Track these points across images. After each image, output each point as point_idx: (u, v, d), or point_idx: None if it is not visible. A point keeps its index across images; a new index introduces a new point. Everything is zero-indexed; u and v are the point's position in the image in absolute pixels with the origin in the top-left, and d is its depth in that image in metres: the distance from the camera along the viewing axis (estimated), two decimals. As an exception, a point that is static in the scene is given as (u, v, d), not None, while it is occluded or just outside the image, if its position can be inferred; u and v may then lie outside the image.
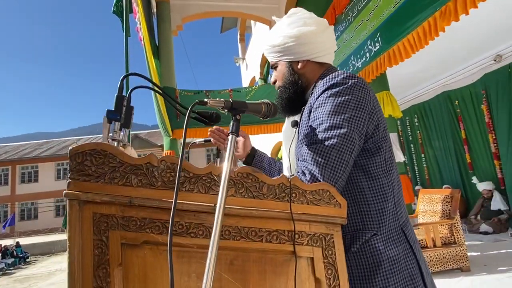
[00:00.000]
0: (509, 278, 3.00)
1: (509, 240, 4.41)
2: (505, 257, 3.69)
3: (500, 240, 4.48)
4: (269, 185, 0.64)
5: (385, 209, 0.77)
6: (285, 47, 0.93)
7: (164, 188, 0.60)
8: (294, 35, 0.91)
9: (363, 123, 0.77)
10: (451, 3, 2.83)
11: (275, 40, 0.95)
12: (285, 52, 0.94)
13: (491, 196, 5.18)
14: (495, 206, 5.08)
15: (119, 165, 0.59)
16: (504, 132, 4.89)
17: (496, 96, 5.04)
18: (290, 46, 0.92)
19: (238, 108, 0.68)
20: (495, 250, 4.01)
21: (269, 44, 0.97)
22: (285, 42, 0.92)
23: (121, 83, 0.91)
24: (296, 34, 0.91)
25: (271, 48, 0.96)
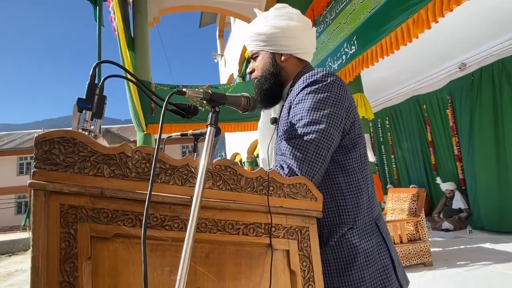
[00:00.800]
0: (467, 271, 3.21)
1: (467, 237, 4.71)
2: (464, 252, 3.94)
3: (460, 236, 4.78)
4: (247, 178, 0.64)
5: (360, 203, 0.80)
6: (271, 36, 0.93)
7: (138, 179, 0.57)
8: (281, 27, 0.92)
9: (341, 119, 0.79)
10: (423, 10, 2.97)
11: (261, 28, 0.94)
12: (270, 42, 0.94)
13: (453, 195, 5.51)
14: (456, 205, 5.41)
15: (90, 154, 0.56)
16: (466, 136, 5.22)
17: (460, 102, 5.37)
18: (277, 37, 0.92)
19: (217, 100, 0.67)
20: (455, 246, 4.27)
21: (255, 31, 0.96)
22: (272, 32, 0.92)
23: (93, 70, 0.87)
24: (284, 26, 0.92)
25: (256, 35, 0.95)
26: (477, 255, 3.70)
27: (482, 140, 4.92)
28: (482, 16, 4.24)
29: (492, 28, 4.51)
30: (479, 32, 4.62)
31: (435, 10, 2.79)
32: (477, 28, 4.53)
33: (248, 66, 1.04)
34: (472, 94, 5.12)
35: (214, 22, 14.38)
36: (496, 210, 4.72)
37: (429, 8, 2.88)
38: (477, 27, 4.52)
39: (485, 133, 4.88)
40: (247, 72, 1.03)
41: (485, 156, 4.87)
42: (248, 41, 0.99)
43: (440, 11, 2.71)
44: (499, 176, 4.73)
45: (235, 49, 10.87)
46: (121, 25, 5.47)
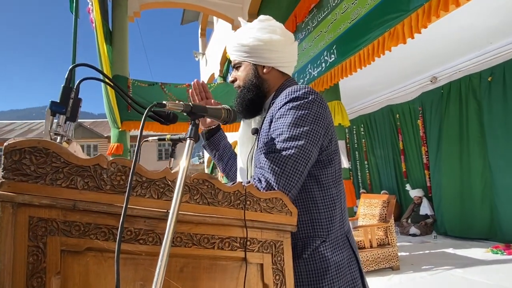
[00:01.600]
0: (431, 276, 3.38)
1: (432, 242, 4.97)
2: (429, 257, 4.14)
3: (426, 241, 5.02)
4: (225, 192, 0.64)
5: (333, 217, 0.83)
6: (254, 48, 0.94)
7: (113, 192, 0.56)
8: (265, 40, 0.93)
9: (319, 136, 0.81)
10: (399, 26, 3.10)
11: (245, 39, 0.96)
12: (253, 53, 0.95)
13: (420, 202, 5.78)
14: (423, 211, 5.69)
15: (64, 165, 0.54)
16: (434, 145, 5.50)
17: (430, 113, 5.65)
18: (260, 49, 0.94)
19: (197, 113, 0.68)
20: (421, 250, 4.49)
21: (238, 42, 0.97)
22: (255, 44, 0.94)
23: (69, 73, 0.84)
24: (267, 39, 0.93)
25: (240, 46, 0.97)
26: (441, 260, 3.91)
27: (449, 150, 5.20)
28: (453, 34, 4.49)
29: (461, 46, 4.79)
30: (450, 48, 4.90)
31: (411, 26, 2.93)
32: (448, 45, 4.79)
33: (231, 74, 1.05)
34: (441, 106, 5.41)
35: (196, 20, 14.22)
36: (458, 217, 5.01)
37: (405, 24, 3.02)
38: (448, 44, 4.78)
39: (452, 144, 5.17)
40: (229, 80, 1.04)
41: (451, 166, 5.16)
42: (231, 50, 1.00)
43: (416, 27, 2.85)
44: (462, 185, 5.02)
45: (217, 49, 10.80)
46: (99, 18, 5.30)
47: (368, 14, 3.52)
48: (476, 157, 4.85)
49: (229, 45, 1.01)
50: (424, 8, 2.75)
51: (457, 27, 4.35)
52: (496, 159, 4.57)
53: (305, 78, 4.79)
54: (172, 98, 6.74)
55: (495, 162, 4.58)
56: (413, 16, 2.91)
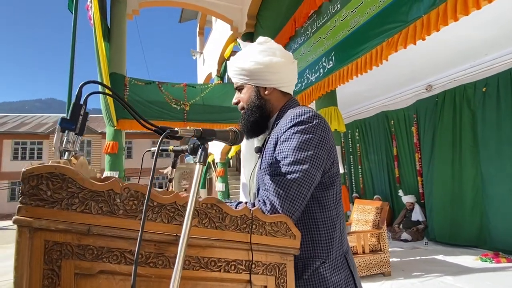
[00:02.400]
0: (421, 282, 3.45)
1: (423, 248, 5.05)
2: (419, 263, 4.22)
3: (417, 247, 5.10)
4: (232, 216, 0.67)
5: (333, 238, 0.86)
6: (254, 72, 0.97)
7: (125, 216, 0.59)
8: (265, 63, 0.96)
9: (323, 160, 0.84)
10: (397, 35, 3.15)
11: (245, 63, 0.99)
12: (254, 76, 0.98)
13: (412, 208, 5.87)
14: (415, 217, 5.78)
15: (79, 190, 0.56)
16: (428, 152, 5.59)
17: (424, 120, 5.74)
18: (260, 72, 0.97)
19: (206, 137, 0.70)
20: (412, 256, 4.56)
21: (239, 66, 1.00)
22: (256, 68, 0.97)
23: (79, 91, 0.86)
24: (267, 62, 0.96)
25: (240, 70, 1.00)
26: (431, 266, 3.98)
27: (441, 158, 5.29)
28: (450, 44, 4.57)
29: (457, 56, 4.88)
30: (446, 58, 4.98)
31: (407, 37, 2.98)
32: (444, 54, 4.88)
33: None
34: (436, 114, 5.50)
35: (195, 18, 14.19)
36: (449, 224, 5.10)
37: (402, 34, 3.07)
38: (444, 54, 4.86)
39: (444, 151, 5.26)
40: (233, 102, 1.06)
41: (443, 173, 5.25)
42: (232, 73, 1.04)
43: (413, 38, 2.90)
44: (453, 192, 5.12)
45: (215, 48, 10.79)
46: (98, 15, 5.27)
47: (367, 23, 3.56)
48: (468, 166, 4.95)
49: (230, 68, 1.05)
50: (423, 20, 2.80)
51: (454, 37, 4.43)
52: (487, 168, 4.67)
53: (303, 83, 4.83)
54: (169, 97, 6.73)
55: (487, 171, 4.68)
56: (411, 28, 2.96)
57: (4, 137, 19.78)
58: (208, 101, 6.99)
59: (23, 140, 20.21)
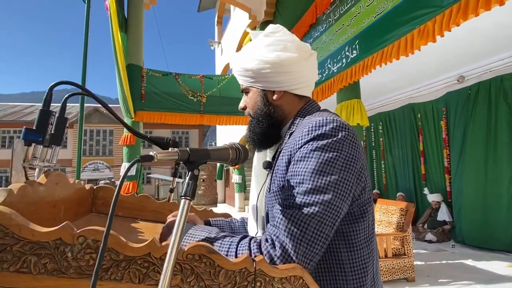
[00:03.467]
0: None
1: (450, 251, 4.74)
2: (446, 268, 3.94)
3: (442, 250, 4.80)
4: (228, 271, 0.50)
5: (364, 285, 0.67)
6: (259, 73, 0.77)
7: (79, 276, 0.43)
8: (271, 61, 0.76)
9: (351, 187, 0.65)
10: (430, 22, 2.84)
11: (248, 62, 0.79)
12: (259, 78, 0.78)
13: (438, 207, 5.52)
14: (441, 217, 5.43)
15: (13, 242, 0.41)
16: (457, 149, 5.19)
17: (455, 114, 5.32)
18: (266, 73, 0.77)
19: (197, 161, 0.52)
20: (437, 260, 4.28)
21: (242, 66, 0.80)
22: (260, 68, 0.77)
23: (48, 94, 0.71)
24: (274, 60, 0.76)
25: (243, 71, 0.80)
26: (459, 273, 3.70)
27: (473, 155, 4.90)
28: (485, 32, 4.14)
29: (493, 44, 4.43)
30: (480, 46, 4.54)
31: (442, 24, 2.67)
32: (478, 42, 4.44)
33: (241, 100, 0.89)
34: (468, 107, 5.07)
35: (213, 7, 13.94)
36: (479, 226, 4.74)
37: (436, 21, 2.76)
38: (479, 42, 4.43)
39: (477, 148, 4.86)
40: (240, 108, 0.87)
41: (474, 172, 4.86)
42: (236, 74, 0.84)
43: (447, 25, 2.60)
44: (485, 193, 4.73)
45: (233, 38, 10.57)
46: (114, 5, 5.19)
47: (395, 8, 3.25)
48: (504, 164, 4.54)
49: (234, 67, 0.86)
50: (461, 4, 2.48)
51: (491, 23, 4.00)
52: (525, 167, 4.27)
53: (324, 74, 4.56)
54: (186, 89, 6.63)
55: (525, 170, 4.28)
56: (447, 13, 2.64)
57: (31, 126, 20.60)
58: (225, 93, 6.86)
59: (49, 129, 21.00)
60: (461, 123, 5.19)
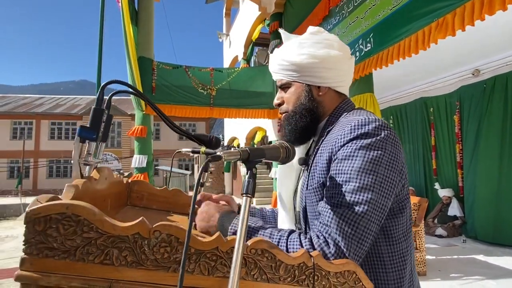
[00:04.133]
0: (461, 286, 3.21)
1: (460, 246, 4.74)
2: (457, 263, 3.95)
3: (453, 245, 4.80)
4: (288, 265, 0.52)
5: (403, 277, 0.69)
6: (308, 67, 0.79)
7: (155, 268, 0.46)
8: (321, 56, 0.78)
9: (394, 185, 0.67)
10: (449, 15, 2.79)
11: (296, 56, 0.80)
12: (307, 73, 0.80)
13: (449, 202, 5.50)
14: (452, 212, 5.41)
15: (97, 236, 0.44)
16: (471, 144, 5.14)
17: (469, 109, 5.25)
18: (315, 67, 0.79)
19: (254, 160, 0.55)
20: (448, 255, 4.29)
21: (288, 60, 0.81)
22: (310, 62, 0.78)
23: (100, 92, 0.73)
24: (324, 55, 0.78)
25: (289, 65, 0.81)
26: (470, 268, 3.71)
27: (487, 150, 4.84)
28: (503, 24, 4.05)
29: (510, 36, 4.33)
30: (497, 39, 4.45)
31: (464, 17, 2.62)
32: (495, 35, 4.35)
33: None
34: (483, 102, 5.00)
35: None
36: (492, 221, 4.72)
37: (457, 14, 2.71)
38: (496, 35, 4.34)
39: (491, 143, 4.80)
40: (274, 103, 0.88)
41: (488, 167, 4.81)
42: (276, 68, 0.85)
43: (471, 19, 2.55)
44: (499, 188, 4.69)
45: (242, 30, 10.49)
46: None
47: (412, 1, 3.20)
48: (518, 160, 4.50)
49: (274, 61, 0.86)
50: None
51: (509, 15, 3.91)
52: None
53: (336, 67, 4.52)
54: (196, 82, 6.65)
55: (539, 167, 4.23)
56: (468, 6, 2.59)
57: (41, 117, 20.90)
58: (235, 86, 6.86)
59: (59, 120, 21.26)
60: (475, 117, 5.12)
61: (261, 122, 9.59)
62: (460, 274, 3.51)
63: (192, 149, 1.29)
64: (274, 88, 7.01)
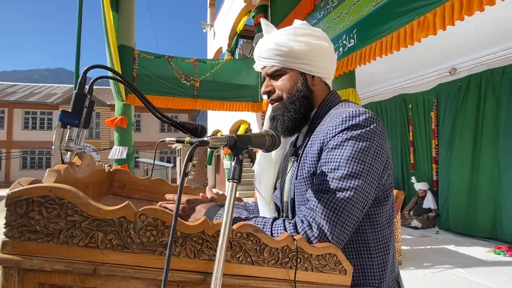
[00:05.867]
0: (433, 274, 3.38)
1: (434, 237, 4.97)
2: (430, 252, 4.15)
3: (427, 236, 5.02)
4: (272, 248, 0.54)
5: (386, 262, 0.73)
6: (305, 55, 0.80)
7: (141, 251, 0.46)
8: (318, 46, 0.80)
9: (379, 174, 0.70)
10: (430, 14, 2.87)
11: (293, 43, 0.79)
12: (303, 60, 0.80)
13: (425, 195, 5.74)
14: (426, 204, 5.66)
15: (82, 219, 0.43)
16: (446, 139, 5.36)
17: (445, 105, 5.46)
18: (313, 56, 0.80)
19: (241, 146, 0.56)
20: (422, 245, 4.49)
21: (286, 45, 0.79)
22: (308, 50, 0.79)
23: (83, 77, 0.71)
24: (320, 45, 0.80)
25: (287, 51, 0.79)
26: (442, 257, 3.91)
27: (461, 145, 5.08)
28: (479, 25, 4.21)
29: (487, 37, 4.52)
30: (474, 40, 4.62)
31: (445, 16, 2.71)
32: (471, 35, 4.52)
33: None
34: (458, 99, 5.21)
35: (206, -12, 13.56)
36: (463, 214, 4.97)
37: (437, 13, 2.80)
38: (472, 35, 4.51)
39: (465, 139, 5.03)
40: (263, 91, 0.88)
41: (461, 161, 5.05)
42: (267, 54, 0.82)
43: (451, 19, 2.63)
44: (470, 182, 4.94)
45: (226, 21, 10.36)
46: (105, -18, 4.99)
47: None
48: (487, 155, 4.74)
49: (264, 47, 0.83)
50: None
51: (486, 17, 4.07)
52: (506, 158, 4.47)
53: (320, 62, 4.57)
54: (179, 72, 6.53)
55: (505, 161, 4.48)
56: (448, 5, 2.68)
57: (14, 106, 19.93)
58: (219, 78, 6.79)
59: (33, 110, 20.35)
60: (450, 114, 5.34)
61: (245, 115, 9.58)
62: (433, 263, 3.69)
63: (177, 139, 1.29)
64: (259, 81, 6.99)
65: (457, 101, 5.22)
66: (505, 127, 4.54)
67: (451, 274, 3.36)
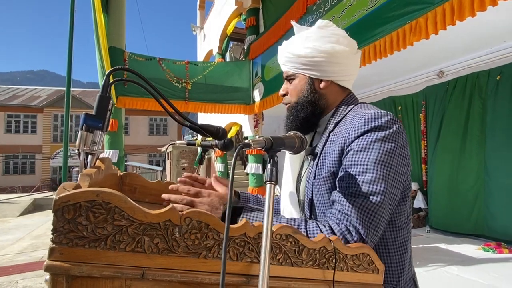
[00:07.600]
0: (426, 272, 3.45)
1: (425, 236, 5.08)
2: (423, 251, 4.23)
3: (418, 235, 5.12)
4: (309, 249, 0.54)
5: (404, 261, 0.75)
6: (312, 60, 0.81)
7: (187, 254, 0.46)
8: (326, 51, 0.80)
9: (404, 176, 0.72)
10: (421, 19, 2.95)
11: (301, 50, 0.82)
12: (311, 66, 0.82)
13: (415, 195, 5.85)
14: (417, 204, 5.78)
15: (128, 223, 0.43)
16: (433, 140, 5.51)
17: (433, 107, 5.61)
18: (319, 61, 0.81)
19: (276, 148, 0.56)
20: (413, 244, 4.56)
21: (293, 52, 0.84)
22: (314, 56, 0.81)
23: (106, 79, 0.70)
24: (329, 50, 0.80)
25: (295, 58, 0.84)
26: (434, 255, 4.00)
27: (445, 146, 5.23)
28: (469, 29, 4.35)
29: (474, 41, 4.67)
30: (461, 43, 4.76)
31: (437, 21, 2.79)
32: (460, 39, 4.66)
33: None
34: (445, 101, 5.36)
35: (195, -10, 13.51)
36: (452, 212, 5.10)
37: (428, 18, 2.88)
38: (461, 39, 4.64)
39: (450, 140, 5.18)
40: (280, 94, 0.91)
41: (444, 161, 5.21)
42: (283, 60, 0.88)
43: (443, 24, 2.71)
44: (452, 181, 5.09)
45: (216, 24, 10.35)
46: (96, -17, 4.93)
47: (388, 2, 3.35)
48: (473, 155, 4.88)
49: (281, 54, 0.89)
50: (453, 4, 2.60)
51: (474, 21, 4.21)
52: (492, 159, 4.62)
53: (314, 65, 4.62)
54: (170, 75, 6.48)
55: (491, 162, 4.63)
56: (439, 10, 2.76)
57: (-4, 109, 19.32)
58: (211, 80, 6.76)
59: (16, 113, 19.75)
60: (438, 115, 5.48)
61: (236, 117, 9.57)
62: (426, 262, 3.77)
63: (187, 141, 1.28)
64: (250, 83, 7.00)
65: (444, 103, 5.37)
66: (491, 129, 4.70)
67: (444, 272, 3.44)
